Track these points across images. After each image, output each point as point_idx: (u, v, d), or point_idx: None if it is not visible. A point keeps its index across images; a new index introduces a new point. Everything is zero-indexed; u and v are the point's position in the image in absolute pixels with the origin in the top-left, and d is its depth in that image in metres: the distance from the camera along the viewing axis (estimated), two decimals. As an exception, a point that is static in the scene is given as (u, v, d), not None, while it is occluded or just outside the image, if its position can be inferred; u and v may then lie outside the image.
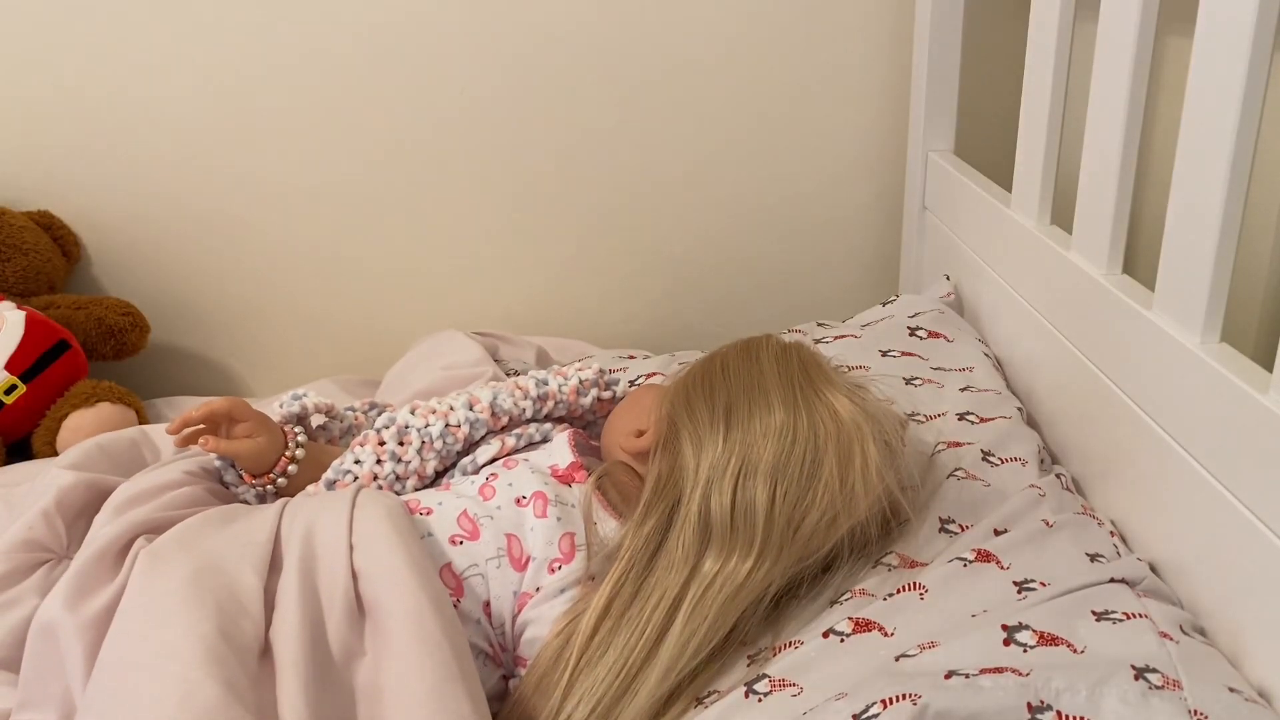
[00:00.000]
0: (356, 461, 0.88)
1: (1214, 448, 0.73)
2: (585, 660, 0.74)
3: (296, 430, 0.92)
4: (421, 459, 0.89)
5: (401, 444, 0.89)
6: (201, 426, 0.88)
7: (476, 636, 0.78)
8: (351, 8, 1.29)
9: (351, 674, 0.71)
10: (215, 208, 1.36)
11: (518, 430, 0.93)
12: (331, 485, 0.88)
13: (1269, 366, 0.70)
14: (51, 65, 1.28)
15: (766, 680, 0.71)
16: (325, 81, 1.32)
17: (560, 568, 0.79)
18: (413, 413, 0.91)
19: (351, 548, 0.76)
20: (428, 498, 0.85)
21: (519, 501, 0.83)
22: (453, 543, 0.80)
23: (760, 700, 0.70)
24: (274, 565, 0.76)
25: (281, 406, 0.93)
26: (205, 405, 0.88)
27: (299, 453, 0.90)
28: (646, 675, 0.73)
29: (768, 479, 0.78)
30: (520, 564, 0.80)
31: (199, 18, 1.28)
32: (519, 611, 0.79)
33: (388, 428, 0.90)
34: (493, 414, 0.91)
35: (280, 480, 0.90)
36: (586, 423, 1.01)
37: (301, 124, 1.33)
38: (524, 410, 0.93)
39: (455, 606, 0.77)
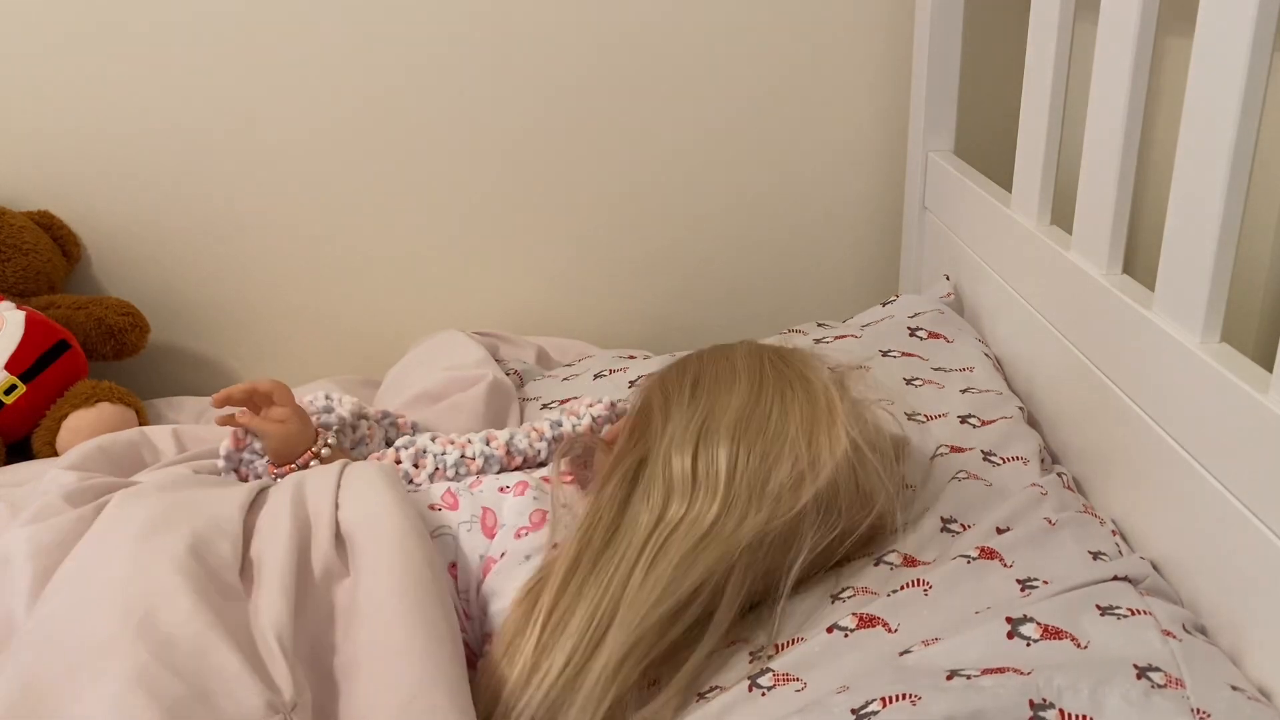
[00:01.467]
0: None
1: (1214, 448, 0.73)
2: (555, 619, 0.73)
3: (329, 434, 0.96)
4: (431, 483, 0.92)
5: (416, 466, 0.92)
6: (241, 410, 0.92)
7: None
8: (351, 9, 1.29)
9: (332, 594, 0.72)
10: (215, 208, 1.36)
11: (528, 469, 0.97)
12: None
13: (1269, 366, 0.70)
14: (51, 66, 1.28)
15: (770, 675, 0.71)
16: (325, 82, 1.32)
17: (527, 534, 0.81)
18: (433, 440, 0.95)
19: (339, 487, 0.79)
20: (420, 478, 0.89)
21: (501, 489, 0.86)
22: (431, 509, 0.83)
23: (764, 694, 0.70)
24: (255, 506, 0.78)
25: (317, 418, 0.97)
26: (250, 382, 0.93)
27: (324, 451, 0.94)
28: (614, 630, 0.72)
29: (729, 436, 0.78)
30: (491, 532, 0.81)
31: (199, 18, 1.28)
32: (484, 577, 0.80)
33: (407, 448, 0.93)
34: (508, 452, 0.95)
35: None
36: None
37: (302, 124, 1.33)
38: (539, 452, 0.97)
39: None
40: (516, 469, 0.96)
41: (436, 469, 0.92)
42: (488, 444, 0.94)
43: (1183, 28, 0.83)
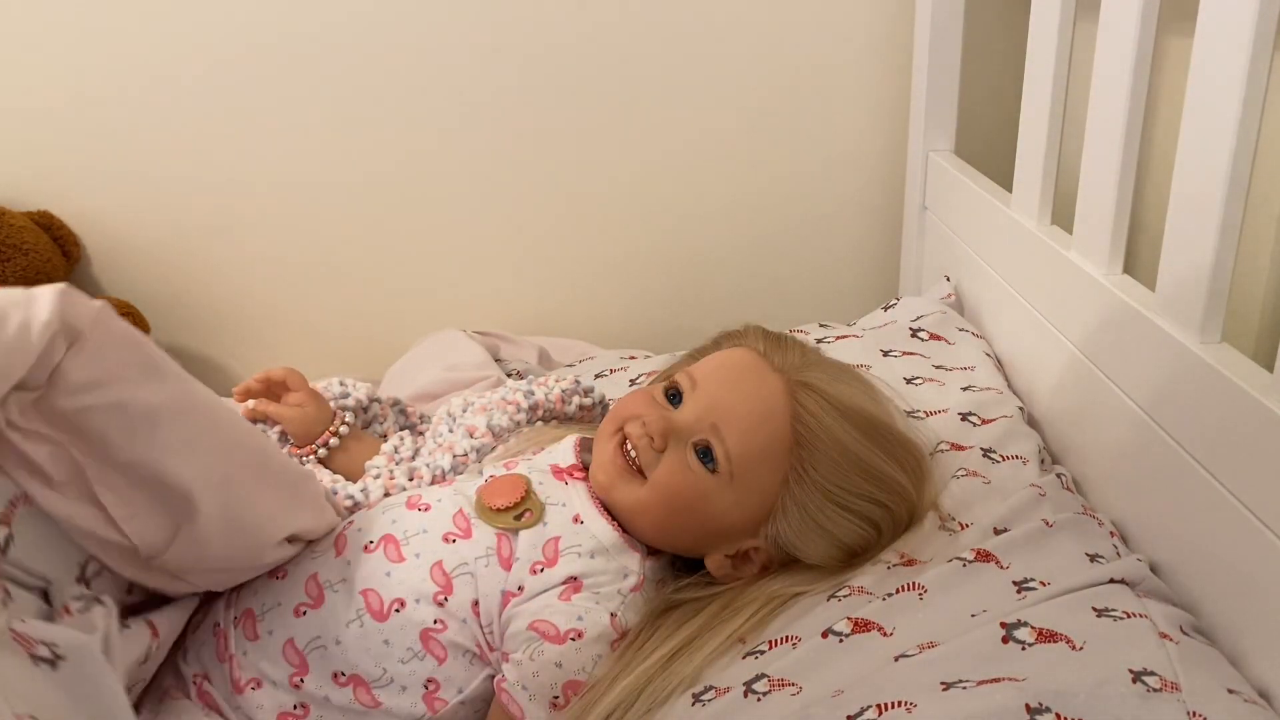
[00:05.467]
0: (363, 491, 0.90)
1: (1214, 448, 0.73)
2: None
3: (346, 414, 0.98)
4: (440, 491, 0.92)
5: (411, 479, 0.91)
6: (259, 400, 0.95)
7: (462, 637, 0.78)
8: (352, 9, 1.29)
9: None
10: (215, 208, 1.36)
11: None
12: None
13: (1269, 366, 0.70)
14: (51, 66, 1.28)
15: (765, 680, 0.71)
16: (326, 82, 1.32)
17: (543, 570, 0.80)
18: (418, 451, 0.96)
19: None
20: (429, 494, 0.86)
21: None
22: (446, 540, 0.81)
23: (759, 700, 0.69)
24: None
25: (334, 401, 0.99)
26: (264, 372, 0.96)
27: (343, 429, 0.96)
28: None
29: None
30: (507, 563, 0.80)
31: (199, 17, 1.28)
32: (504, 607, 0.79)
33: (399, 463, 0.94)
34: (493, 435, 0.94)
35: (321, 451, 0.95)
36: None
37: (302, 124, 1.33)
38: (519, 423, 0.96)
39: (444, 605, 0.78)
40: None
41: (435, 477, 0.91)
42: (471, 437, 0.93)
43: (1183, 28, 0.83)
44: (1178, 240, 0.77)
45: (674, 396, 0.84)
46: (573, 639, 0.77)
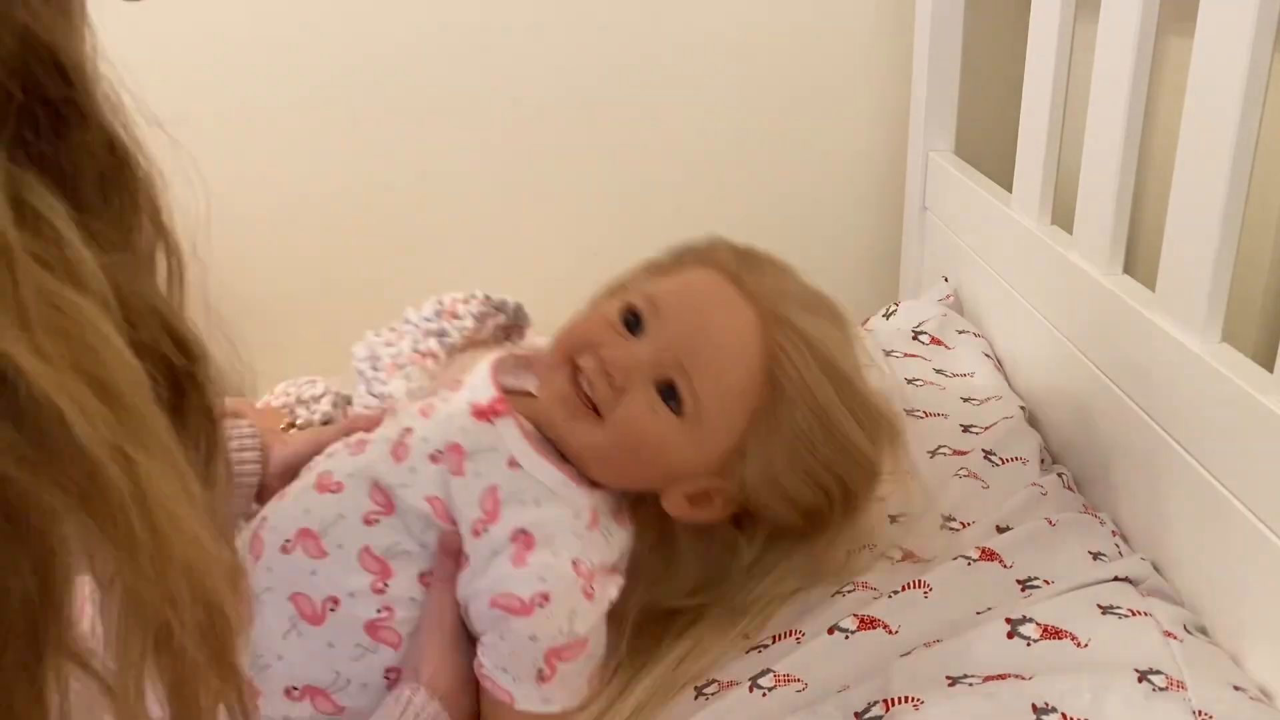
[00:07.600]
0: None
1: (1214, 448, 0.73)
2: None
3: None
4: None
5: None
6: None
7: (415, 616, 0.71)
8: (353, 7, 1.29)
9: None
10: (215, 208, 1.35)
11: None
12: None
13: (1269, 366, 0.70)
14: (52, 65, 1.28)
15: (771, 675, 0.71)
16: (326, 81, 1.32)
17: (486, 529, 0.70)
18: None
19: None
20: (339, 468, 0.75)
21: (434, 458, 0.72)
22: (368, 522, 0.71)
23: (765, 695, 0.70)
24: None
25: (293, 407, 0.94)
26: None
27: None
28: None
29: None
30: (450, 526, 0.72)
31: (197, 16, 1.27)
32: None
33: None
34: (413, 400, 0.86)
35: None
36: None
37: (302, 123, 1.33)
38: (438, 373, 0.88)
39: (385, 591, 0.70)
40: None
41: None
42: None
43: (1183, 28, 0.83)
44: (1178, 240, 0.77)
45: (632, 322, 0.76)
46: (540, 606, 0.68)
